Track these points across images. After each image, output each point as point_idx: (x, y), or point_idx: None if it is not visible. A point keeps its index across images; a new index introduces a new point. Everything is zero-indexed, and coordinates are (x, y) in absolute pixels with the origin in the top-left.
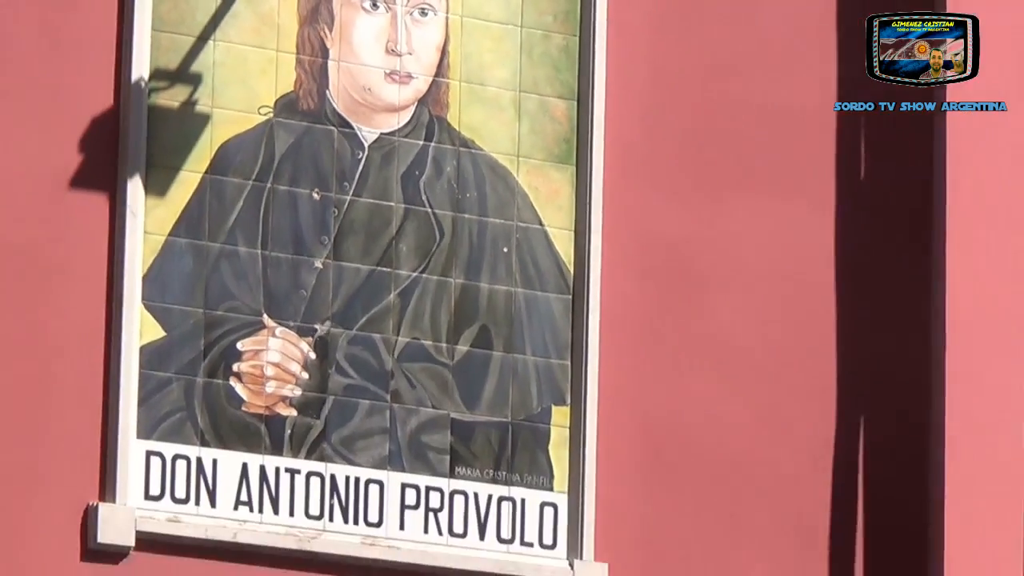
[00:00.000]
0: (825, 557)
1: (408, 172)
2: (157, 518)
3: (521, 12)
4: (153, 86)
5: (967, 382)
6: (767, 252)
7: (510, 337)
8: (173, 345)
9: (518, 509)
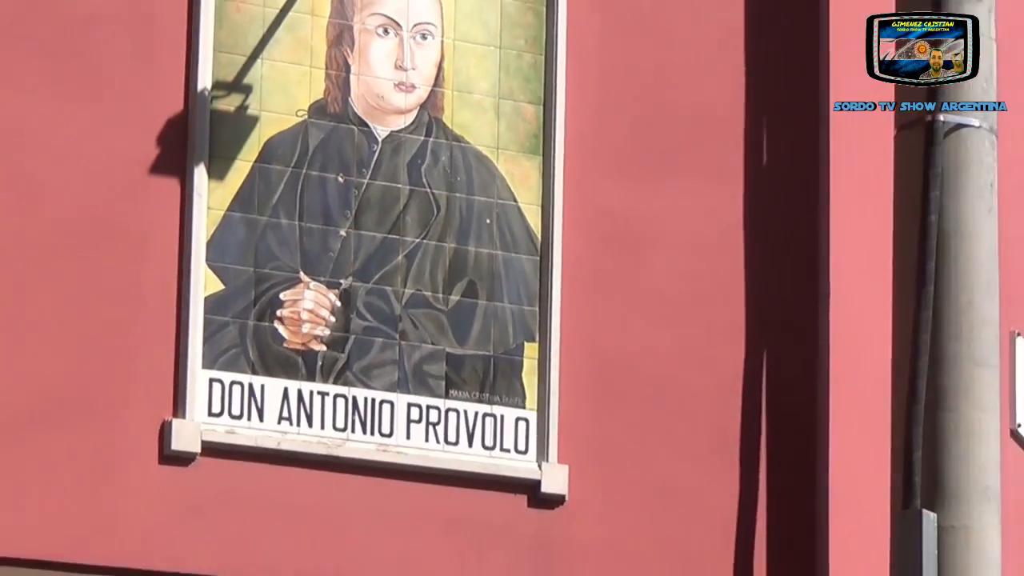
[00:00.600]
0: (736, 457)
1: (412, 161)
2: (217, 430)
3: (500, 36)
4: (214, 94)
5: (847, 322)
6: (692, 221)
7: (491, 289)
8: (229, 296)
9: (498, 423)
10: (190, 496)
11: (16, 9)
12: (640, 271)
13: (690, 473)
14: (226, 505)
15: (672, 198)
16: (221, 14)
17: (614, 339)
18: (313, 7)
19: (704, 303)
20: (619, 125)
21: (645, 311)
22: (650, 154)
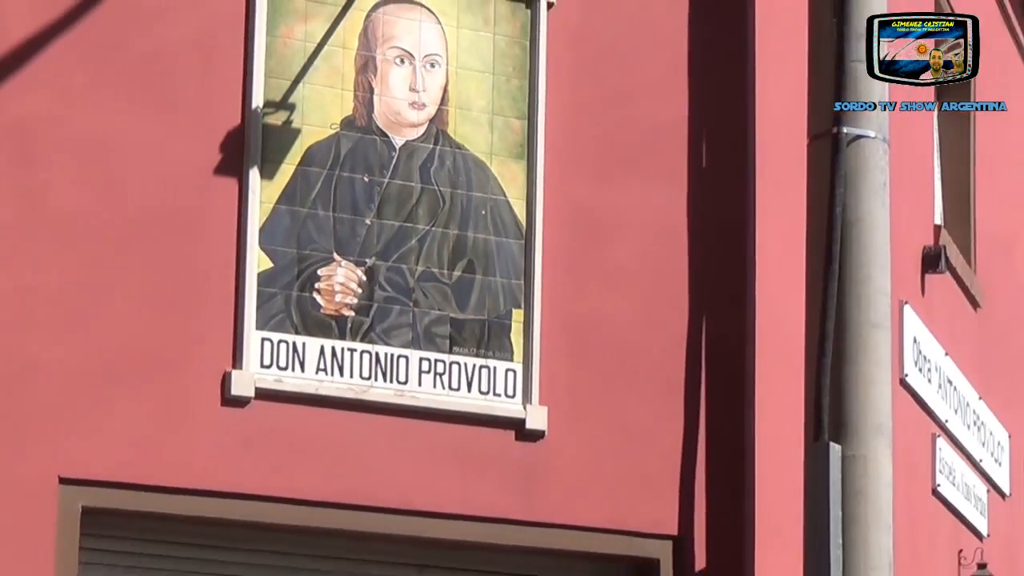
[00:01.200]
0: (681, 401)
1: (423, 164)
2: (267, 379)
3: (493, 65)
4: (265, 111)
5: (770, 294)
6: (645, 213)
7: (486, 266)
8: (277, 272)
9: (491, 373)
10: (245, 432)
11: (106, 42)
12: (605, 253)
13: (644, 413)
14: (274, 439)
15: (630, 195)
16: (271, 47)
17: (584, 307)
18: (344, 41)
19: (655, 278)
20: (588, 136)
21: (609, 285)
22: (612, 160)
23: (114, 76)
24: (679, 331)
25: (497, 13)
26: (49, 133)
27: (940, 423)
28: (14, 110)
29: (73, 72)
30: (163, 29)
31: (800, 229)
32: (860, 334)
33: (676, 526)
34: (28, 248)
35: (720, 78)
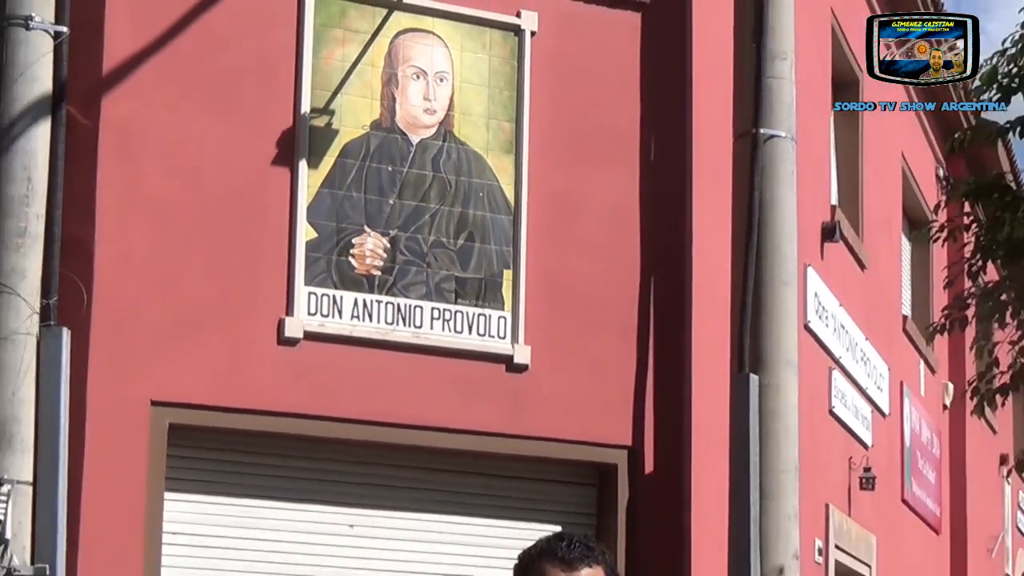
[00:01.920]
0: (634, 341)
1: (434, 157)
2: (313, 324)
3: (488, 80)
4: (311, 115)
5: (704, 258)
6: (606, 195)
7: (483, 236)
8: (321, 241)
9: (487, 319)
10: (296, 365)
11: (189, 61)
12: (575, 226)
13: (606, 350)
14: (318, 371)
15: (595, 181)
16: (316, 66)
17: (559, 268)
18: (373, 61)
19: (614, 245)
20: (562, 135)
21: (578, 250)
22: (581, 154)
23: (194, 87)
24: (632, 286)
25: (492, 40)
26: (144, 132)
27: (835, 359)
28: (117, 114)
29: (162, 84)
30: (233, 51)
31: (727, 208)
32: (773, 290)
33: (630, 438)
34: (129, 222)
35: (665, 90)
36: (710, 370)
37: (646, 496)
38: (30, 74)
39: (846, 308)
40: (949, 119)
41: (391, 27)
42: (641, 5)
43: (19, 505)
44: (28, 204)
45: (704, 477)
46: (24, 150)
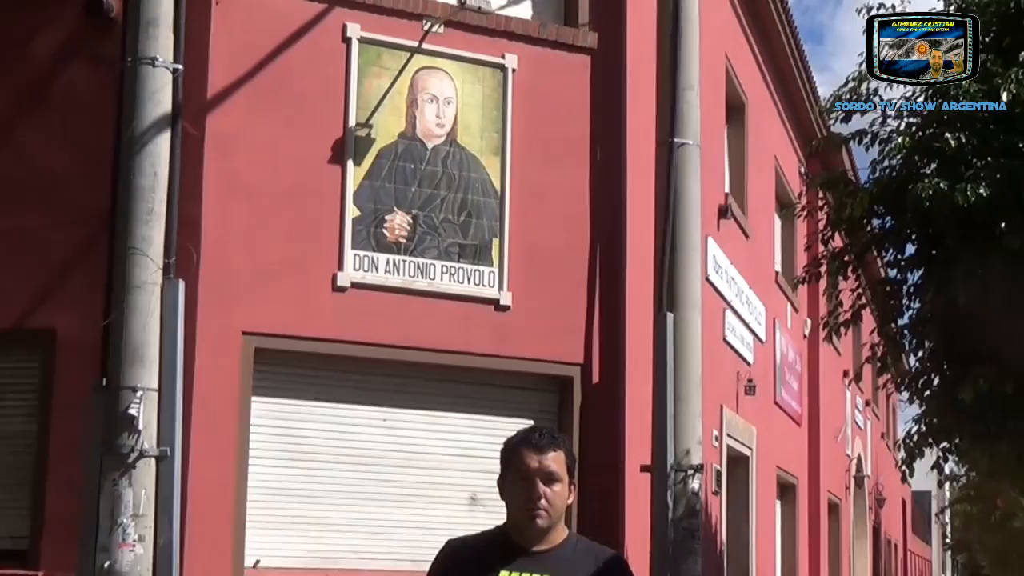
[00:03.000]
0: (586, 289)
1: (443, 158)
2: (357, 276)
3: (482, 104)
4: (356, 128)
5: (637, 230)
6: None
7: (478, 214)
8: (363, 218)
9: (481, 273)
10: (346, 306)
11: (268, 85)
12: (543, 207)
13: (565, 295)
14: (361, 310)
15: (558, 176)
16: (360, 91)
17: (532, 237)
18: (400, 89)
19: (572, 220)
20: (534, 143)
21: (546, 224)
22: (548, 157)
23: (272, 107)
24: (584, 249)
25: (484, 75)
26: (236, 140)
27: (727, 302)
28: (217, 127)
29: (249, 105)
30: (300, 82)
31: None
32: (683, 253)
33: (582, 358)
34: (225, 204)
35: (607, 111)
36: (639, 310)
37: (593, 399)
38: (155, 98)
39: (735, 266)
40: (808, 130)
41: (412, 65)
42: (590, 50)
43: (148, 405)
44: (154, 191)
45: (635, 386)
46: (151, 153)
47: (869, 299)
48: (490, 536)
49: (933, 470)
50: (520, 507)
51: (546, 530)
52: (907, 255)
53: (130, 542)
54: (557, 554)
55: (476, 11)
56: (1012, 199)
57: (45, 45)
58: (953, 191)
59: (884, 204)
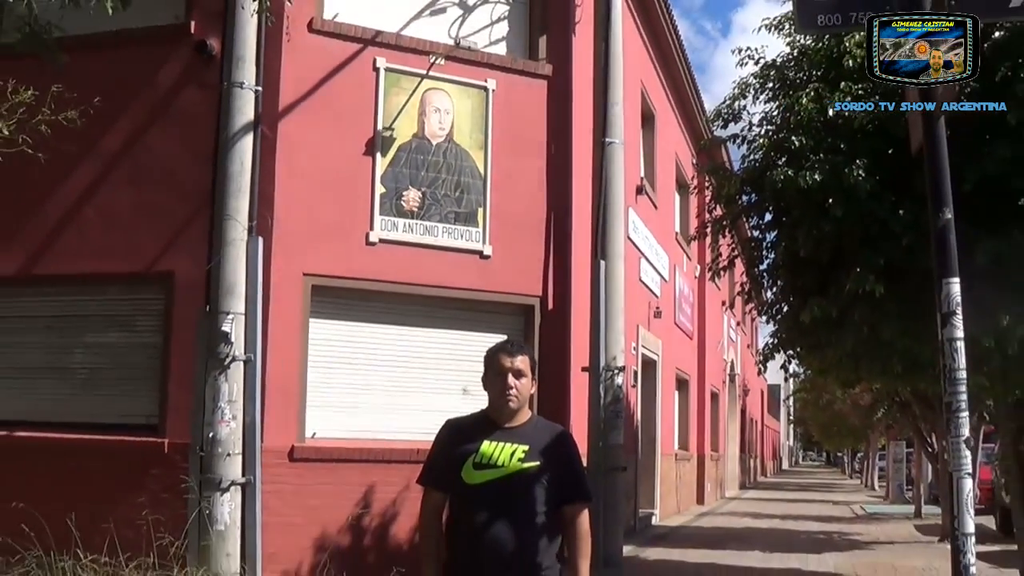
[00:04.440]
0: (543, 243)
1: (444, 152)
2: (383, 235)
3: (471, 113)
4: (384, 130)
5: (579, 199)
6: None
7: (468, 191)
8: (388, 194)
9: (471, 232)
10: (375, 256)
11: (319, 102)
12: (513, 188)
13: (529, 248)
14: (387, 257)
15: (525, 164)
16: (385, 106)
17: (506, 207)
18: (413, 103)
19: (533, 197)
20: (509, 141)
21: (515, 199)
22: (517, 151)
23: (324, 116)
24: (542, 217)
25: (472, 93)
26: (299, 140)
27: (642, 252)
28: (286, 130)
29: (308, 115)
30: (344, 99)
31: (589, 179)
32: (612, 218)
33: (541, 292)
34: (291, 184)
35: (558, 119)
36: (581, 259)
37: (549, 321)
38: (242, 111)
39: (648, 227)
40: (697, 133)
41: (422, 87)
42: (547, 77)
43: (238, 325)
44: (241, 176)
45: (577, 312)
46: (239, 149)
47: (740, 251)
48: (477, 416)
49: (781, 369)
50: (498, 395)
51: (516, 411)
52: (765, 221)
53: (226, 420)
54: (523, 429)
55: (467, 49)
56: (835, 183)
57: (168, 74)
58: (797, 177)
59: (750, 185)
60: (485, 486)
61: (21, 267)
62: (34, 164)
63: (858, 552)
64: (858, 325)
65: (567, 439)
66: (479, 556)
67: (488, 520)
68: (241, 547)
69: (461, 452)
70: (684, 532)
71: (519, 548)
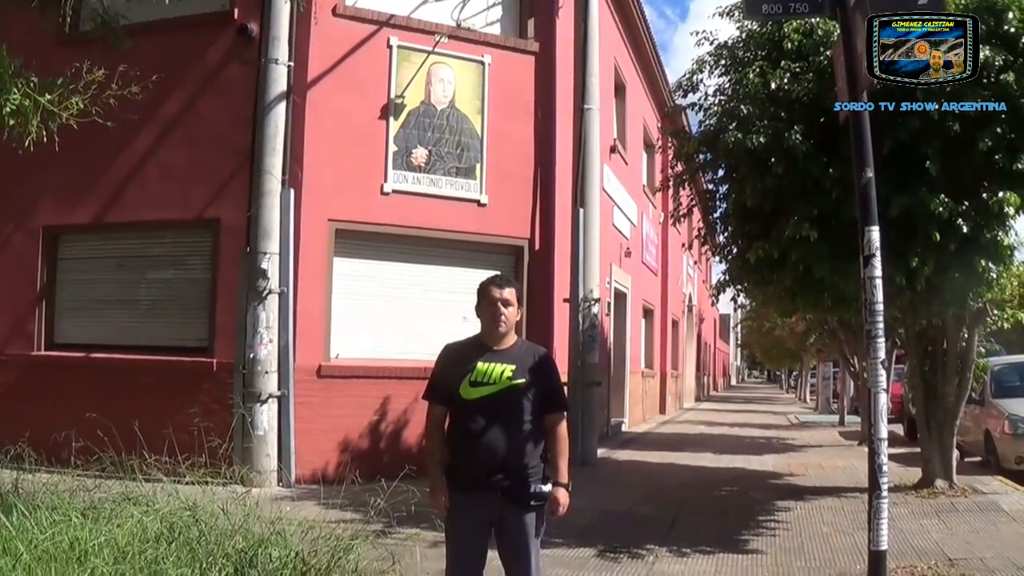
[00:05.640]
0: (531, 192)
1: (448, 116)
2: (396, 186)
3: (471, 82)
4: (395, 99)
5: (561, 159)
6: (521, 131)
7: (468, 149)
8: (399, 151)
9: (470, 184)
10: (389, 204)
11: (341, 75)
12: (507, 146)
13: (520, 197)
14: (398, 206)
15: (518, 126)
16: (397, 78)
17: (502, 163)
18: (421, 75)
19: (523, 153)
20: (500, 107)
21: (508, 156)
22: (508, 115)
23: (344, 86)
24: (530, 172)
25: (471, 66)
26: (324, 105)
27: (615, 201)
28: (313, 98)
29: (332, 83)
30: (361, 72)
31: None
32: (589, 173)
33: (529, 235)
34: (318, 144)
35: (544, 88)
36: (563, 207)
37: (536, 260)
38: (277, 83)
39: (619, 180)
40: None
41: (428, 62)
42: (535, 53)
43: (273, 263)
44: (275, 136)
45: (560, 252)
46: (274, 115)
47: (697, 201)
48: (471, 340)
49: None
50: (489, 321)
51: (505, 335)
52: (718, 176)
53: (264, 343)
54: (511, 351)
55: (467, 29)
56: (777, 145)
57: (215, 53)
58: (745, 139)
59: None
60: (481, 400)
61: (94, 216)
62: (104, 131)
63: (792, 454)
64: (795, 265)
65: (548, 359)
66: (476, 458)
67: (483, 428)
68: (278, 449)
69: (459, 372)
70: (649, 437)
71: (510, 451)
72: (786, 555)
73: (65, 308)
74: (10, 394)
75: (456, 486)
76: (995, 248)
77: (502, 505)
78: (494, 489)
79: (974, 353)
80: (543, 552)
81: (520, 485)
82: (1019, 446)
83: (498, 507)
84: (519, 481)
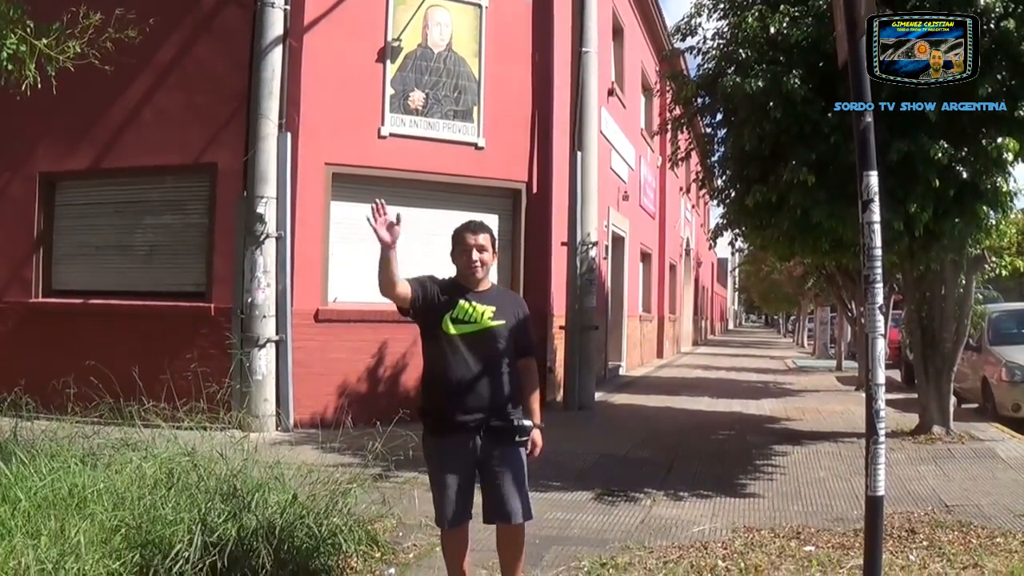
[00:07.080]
0: (528, 141)
1: (445, 59)
2: (392, 129)
3: (467, 26)
4: (393, 41)
5: (558, 100)
6: (518, 74)
7: (466, 92)
8: (397, 95)
9: (467, 128)
10: (386, 148)
11: (338, 18)
12: (503, 88)
13: (517, 140)
14: (394, 148)
15: (512, 69)
16: (394, 20)
17: (497, 106)
18: (419, 18)
19: (520, 97)
20: (498, 50)
21: (505, 99)
22: (505, 58)
23: (342, 28)
24: (528, 114)
25: (469, 10)
26: (322, 49)
27: (613, 145)
28: (311, 42)
29: (329, 27)
30: (359, 14)
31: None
32: (587, 116)
33: (527, 177)
34: (315, 86)
35: (542, 32)
36: (561, 150)
37: (533, 203)
38: (274, 27)
39: (617, 124)
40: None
41: (426, 4)
42: None
43: (270, 207)
44: (272, 80)
45: (558, 195)
46: (271, 58)
47: (695, 145)
48: (451, 280)
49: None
50: (464, 266)
51: (481, 279)
52: (716, 120)
53: (262, 287)
54: (489, 293)
55: None
56: (775, 89)
57: None
58: (743, 83)
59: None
60: (462, 337)
61: (92, 161)
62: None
63: (789, 398)
64: (793, 209)
65: (523, 305)
66: (457, 395)
67: (463, 365)
68: (276, 394)
69: (442, 303)
70: (646, 381)
71: (492, 389)
72: (783, 500)
73: (62, 255)
74: (8, 341)
75: (435, 432)
76: (995, 195)
77: (485, 444)
78: (475, 429)
79: (972, 300)
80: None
81: (504, 421)
82: (1016, 393)
83: (480, 447)
84: (502, 419)
